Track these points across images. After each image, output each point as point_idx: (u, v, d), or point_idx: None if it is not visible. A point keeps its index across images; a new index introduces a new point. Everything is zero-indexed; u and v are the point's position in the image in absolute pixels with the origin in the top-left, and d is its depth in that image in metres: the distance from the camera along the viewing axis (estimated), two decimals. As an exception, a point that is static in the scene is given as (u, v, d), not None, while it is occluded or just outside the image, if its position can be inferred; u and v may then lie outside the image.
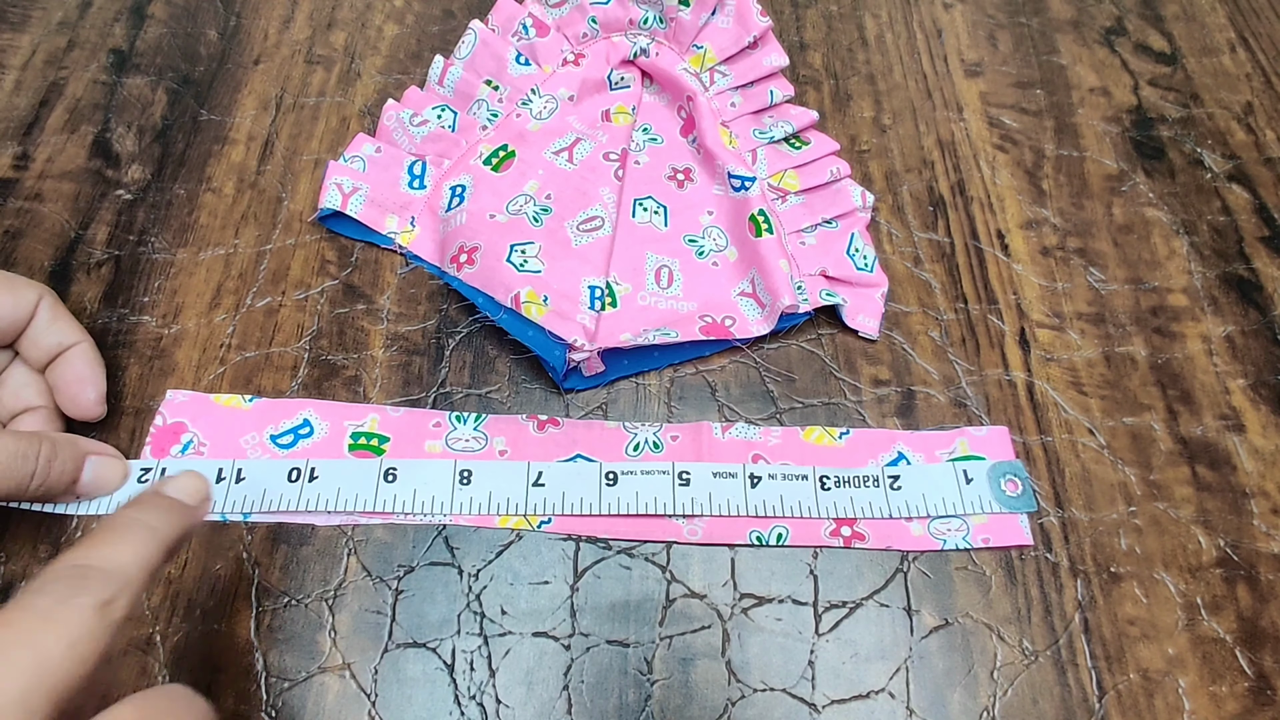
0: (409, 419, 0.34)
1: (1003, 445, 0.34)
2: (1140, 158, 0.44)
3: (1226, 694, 0.30)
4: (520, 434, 0.34)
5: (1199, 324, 0.38)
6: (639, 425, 0.35)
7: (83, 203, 0.40)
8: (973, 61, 0.47)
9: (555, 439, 0.34)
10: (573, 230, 0.38)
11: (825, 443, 0.34)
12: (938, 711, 0.30)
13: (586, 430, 0.34)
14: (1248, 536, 0.33)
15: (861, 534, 0.32)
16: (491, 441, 0.34)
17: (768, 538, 0.32)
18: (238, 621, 0.30)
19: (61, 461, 0.30)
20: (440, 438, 0.34)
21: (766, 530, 0.32)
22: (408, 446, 0.34)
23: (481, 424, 0.34)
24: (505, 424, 0.34)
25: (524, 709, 0.29)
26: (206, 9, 0.47)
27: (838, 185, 0.40)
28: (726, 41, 0.42)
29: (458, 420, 0.34)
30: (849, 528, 0.33)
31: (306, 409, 0.35)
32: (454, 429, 0.34)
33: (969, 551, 0.32)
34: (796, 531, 0.32)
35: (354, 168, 0.40)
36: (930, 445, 0.34)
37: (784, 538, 0.32)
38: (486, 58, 0.42)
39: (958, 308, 0.38)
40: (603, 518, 0.32)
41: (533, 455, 0.34)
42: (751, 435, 0.34)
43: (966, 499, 0.33)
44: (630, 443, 0.34)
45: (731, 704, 0.30)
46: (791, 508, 0.32)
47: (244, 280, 0.38)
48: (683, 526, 0.32)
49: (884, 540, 0.32)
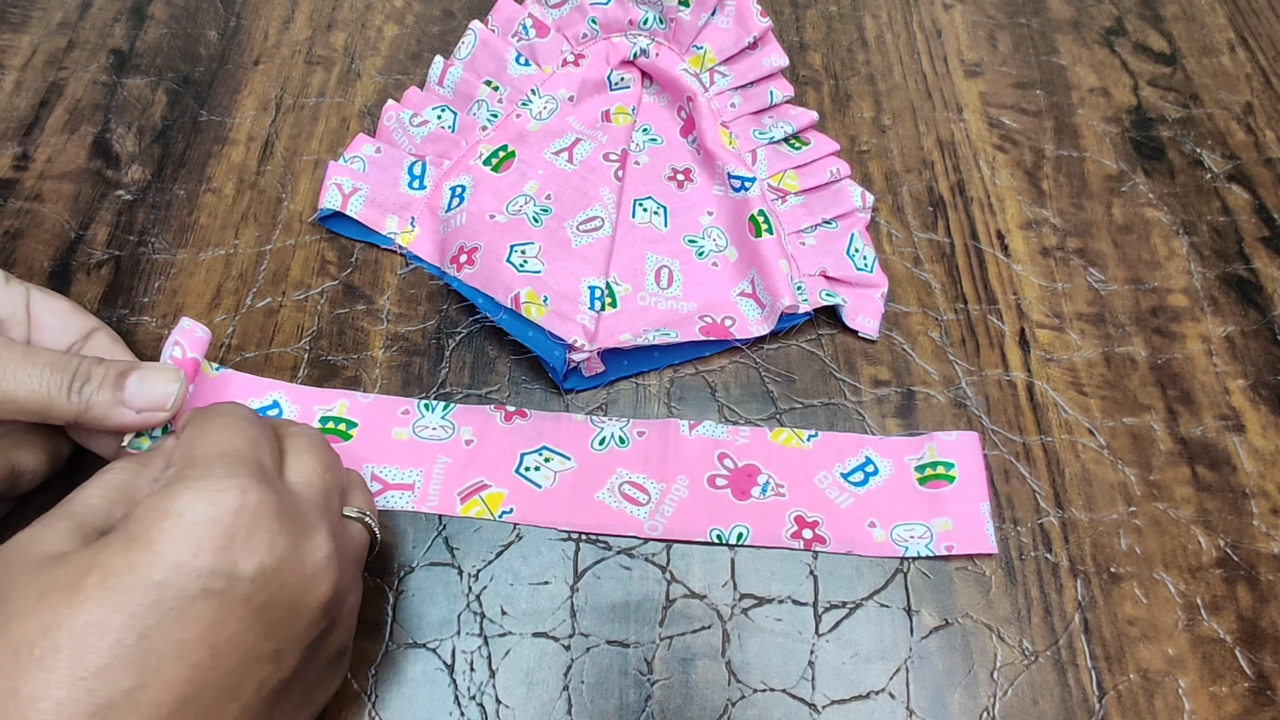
0: (378, 405, 0.35)
1: (972, 451, 0.34)
2: (1140, 158, 0.44)
3: (1226, 694, 0.30)
4: (487, 424, 0.34)
5: (1199, 324, 0.38)
6: (606, 420, 0.35)
7: (83, 203, 0.40)
8: (972, 62, 0.47)
9: (522, 430, 0.34)
10: (573, 231, 0.38)
11: (793, 444, 0.34)
12: (938, 712, 0.30)
13: (554, 423, 0.34)
14: (1248, 537, 0.33)
15: (822, 537, 0.32)
16: (459, 431, 0.34)
17: (728, 536, 0.32)
18: (238, 622, 0.30)
19: (96, 379, 0.28)
20: (408, 425, 0.34)
21: (727, 529, 0.32)
22: (375, 433, 0.34)
23: (449, 413, 0.35)
24: (473, 414, 0.35)
25: (524, 709, 0.29)
26: (206, 9, 0.47)
27: (838, 186, 0.40)
28: (726, 42, 0.42)
29: (426, 408, 0.35)
30: (810, 530, 0.32)
31: (277, 390, 0.35)
32: (422, 417, 0.34)
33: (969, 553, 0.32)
34: (757, 531, 0.32)
35: (354, 168, 0.40)
36: (899, 450, 0.34)
37: (744, 537, 0.32)
38: (486, 58, 0.42)
39: (958, 308, 0.38)
40: (565, 509, 0.32)
41: (499, 446, 0.34)
42: (719, 434, 0.34)
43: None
44: (596, 437, 0.34)
45: (731, 704, 0.30)
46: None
47: (244, 281, 0.38)
48: (644, 522, 0.32)
49: (845, 545, 0.32)
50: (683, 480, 0.33)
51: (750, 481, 0.33)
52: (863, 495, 0.33)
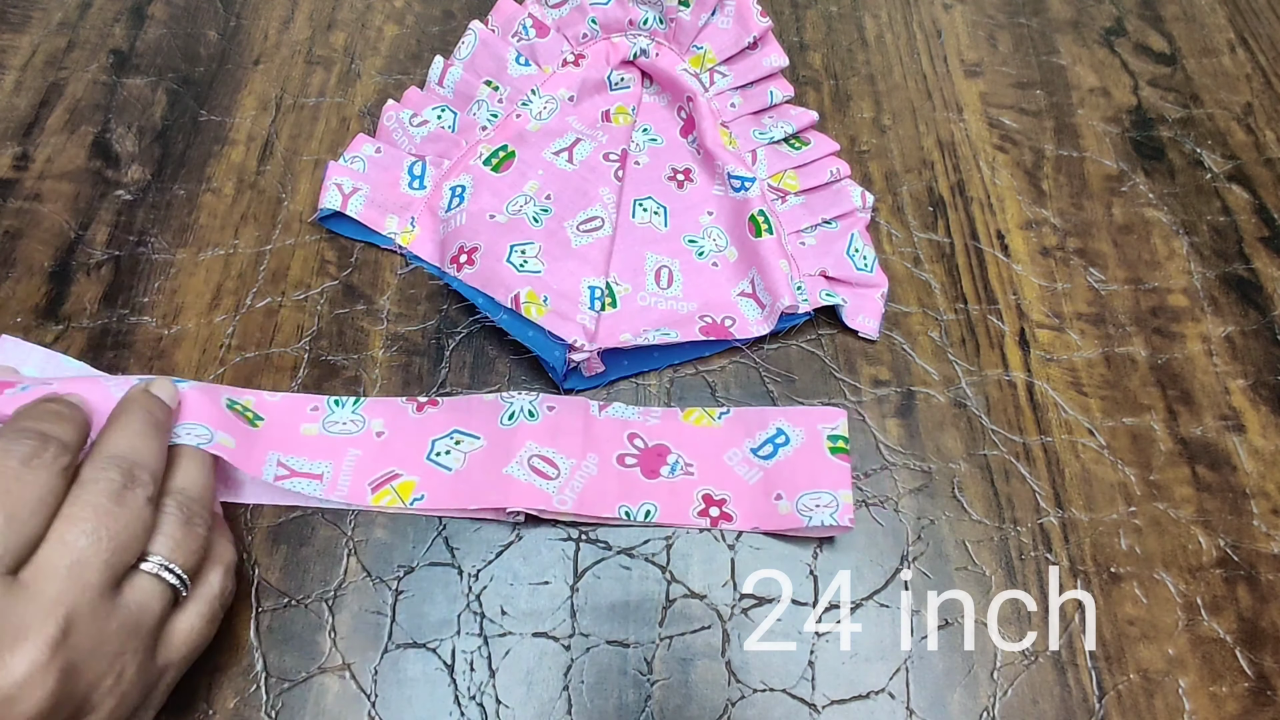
0: (286, 404, 0.34)
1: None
2: (1140, 158, 0.44)
3: (1226, 694, 0.30)
4: (399, 416, 0.34)
5: (1199, 324, 0.38)
6: (515, 394, 0.34)
7: (82, 203, 0.40)
8: (972, 62, 0.47)
9: (433, 419, 0.34)
10: (573, 230, 0.38)
11: (704, 424, 0.35)
12: (938, 711, 0.30)
13: (465, 405, 0.34)
14: (1248, 537, 0.33)
15: (730, 515, 0.33)
16: (369, 424, 0.34)
17: (636, 514, 0.32)
18: (238, 621, 0.30)
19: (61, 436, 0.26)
20: (317, 421, 0.34)
21: (635, 506, 0.32)
22: (282, 429, 0.33)
23: (360, 406, 0.34)
24: (383, 406, 0.34)
25: (524, 709, 0.29)
26: (206, 9, 0.47)
27: (837, 186, 0.40)
28: (726, 42, 0.42)
29: (336, 404, 0.34)
30: (717, 508, 0.33)
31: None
32: (331, 413, 0.34)
33: (970, 552, 0.32)
34: (665, 509, 0.33)
35: (354, 168, 0.40)
36: (813, 419, 0.34)
37: (652, 515, 0.32)
38: (486, 58, 0.42)
39: (957, 308, 0.38)
40: (473, 489, 0.32)
41: (410, 436, 0.34)
42: (630, 415, 0.35)
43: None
44: (505, 412, 0.34)
45: (731, 704, 0.30)
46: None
47: (244, 281, 0.38)
48: (552, 495, 0.32)
49: (751, 521, 0.32)
50: (593, 458, 0.33)
51: (660, 461, 0.34)
52: (770, 468, 0.33)
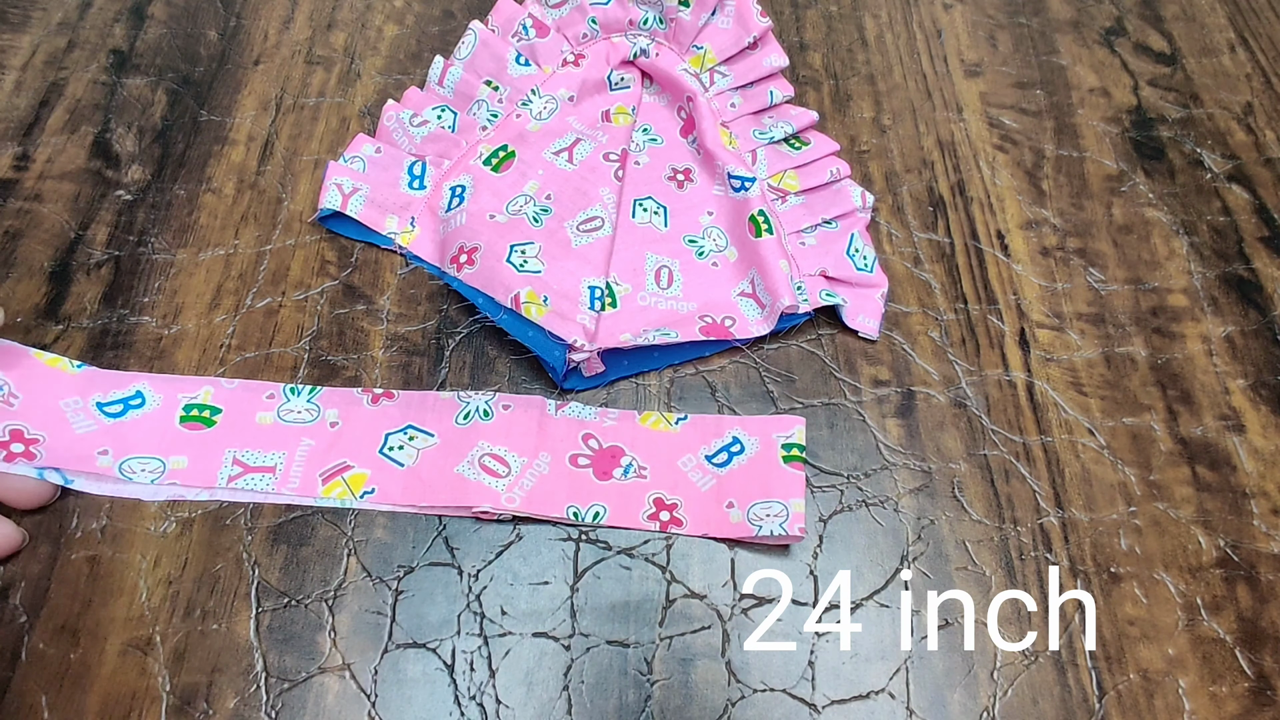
0: (243, 391, 0.34)
1: None
2: (1140, 158, 0.44)
3: (1226, 694, 0.30)
4: (353, 407, 0.34)
5: (1199, 324, 0.38)
6: (472, 394, 0.35)
7: (83, 203, 0.40)
8: (973, 62, 0.47)
9: (387, 412, 0.34)
10: (573, 230, 0.38)
11: (661, 428, 0.34)
12: (938, 711, 0.30)
13: (420, 401, 0.35)
14: (1248, 537, 0.33)
15: (680, 520, 0.33)
16: (324, 413, 0.34)
17: (584, 514, 0.32)
18: (238, 622, 0.30)
19: None
20: (273, 409, 0.34)
21: (584, 507, 0.33)
22: (239, 419, 0.34)
23: (315, 396, 0.34)
24: (339, 396, 0.35)
25: (524, 709, 0.29)
26: (206, 9, 0.47)
27: (838, 186, 0.40)
28: (726, 42, 0.42)
29: (292, 393, 0.34)
30: (668, 512, 0.33)
31: (140, 381, 0.34)
32: (287, 401, 0.34)
33: (970, 552, 0.32)
34: (615, 511, 0.33)
35: (354, 168, 0.40)
36: (768, 428, 0.34)
37: (601, 516, 0.32)
38: (486, 58, 0.42)
39: (958, 308, 0.38)
40: (424, 487, 0.32)
41: (364, 428, 0.34)
42: (586, 415, 0.35)
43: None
44: (461, 412, 0.34)
45: (731, 704, 0.30)
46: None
47: (244, 281, 0.38)
48: (500, 494, 0.32)
49: (701, 527, 0.32)
50: (545, 457, 0.33)
51: (613, 463, 0.34)
52: (724, 476, 0.33)
